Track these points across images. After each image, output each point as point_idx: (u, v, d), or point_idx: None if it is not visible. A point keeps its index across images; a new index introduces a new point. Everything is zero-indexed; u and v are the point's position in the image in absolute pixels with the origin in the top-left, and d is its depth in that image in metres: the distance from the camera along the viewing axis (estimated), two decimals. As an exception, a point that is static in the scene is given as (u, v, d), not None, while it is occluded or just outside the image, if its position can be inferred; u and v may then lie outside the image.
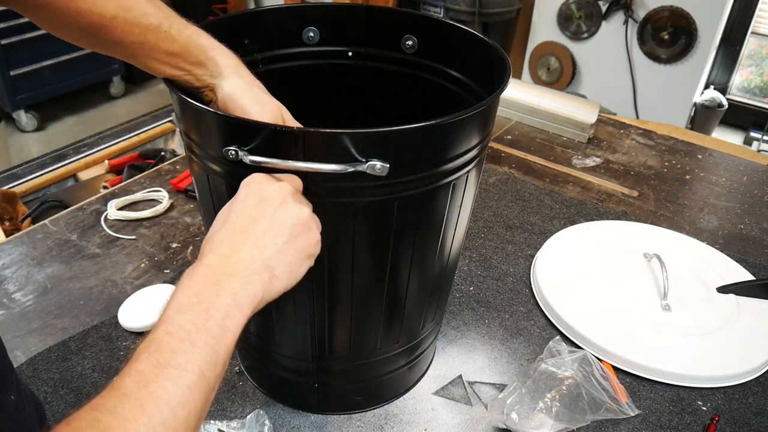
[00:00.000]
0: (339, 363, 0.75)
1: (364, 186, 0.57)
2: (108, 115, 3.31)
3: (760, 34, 3.14)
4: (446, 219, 0.66)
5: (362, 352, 0.74)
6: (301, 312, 0.68)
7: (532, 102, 1.58)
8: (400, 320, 0.73)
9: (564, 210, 1.23)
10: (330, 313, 0.68)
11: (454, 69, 0.78)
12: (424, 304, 0.74)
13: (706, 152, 1.51)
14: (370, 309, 0.70)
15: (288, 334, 0.73)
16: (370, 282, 0.67)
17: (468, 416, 0.80)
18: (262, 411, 0.75)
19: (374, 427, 0.78)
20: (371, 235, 0.62)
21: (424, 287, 0.72)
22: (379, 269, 0.66)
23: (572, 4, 3.13)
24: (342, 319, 0.70)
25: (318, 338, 0.71)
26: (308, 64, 0.82)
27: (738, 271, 1.06)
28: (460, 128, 0.59)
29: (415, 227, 0.63)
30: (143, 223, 1.12)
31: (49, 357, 0.83)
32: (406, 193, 0.59)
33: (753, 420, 0.82)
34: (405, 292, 0.70)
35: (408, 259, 0.66)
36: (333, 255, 0.62)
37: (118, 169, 2.01)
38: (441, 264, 0.72)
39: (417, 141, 0.57)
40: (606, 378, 0.83)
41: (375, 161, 0.54)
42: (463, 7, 3.21)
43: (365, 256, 0.64)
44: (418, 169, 0.59)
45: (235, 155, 0.55)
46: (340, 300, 0.67)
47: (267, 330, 0.73)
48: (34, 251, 1.04)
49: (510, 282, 1.03)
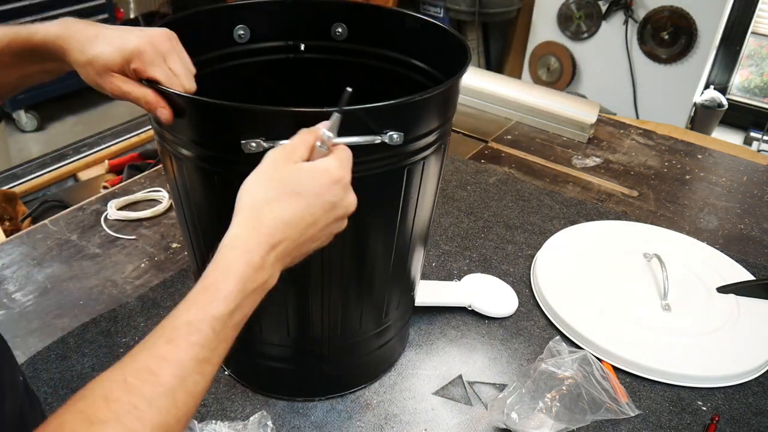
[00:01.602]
0: (321, 345, 0.76)
1: (379, 157, 0.60)
2: (108, 115, 3.31)
3: (760, 34, 3.14)
4: (410, 197, 0.68)
5: (345, 332, 0.76)
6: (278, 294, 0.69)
7: (532, 102, 1.58)
8: (380, 298, 0.75)
9: (564, 210, 1.23)
10: (306, 291, 0.69)
11: (393, 51, 0.80)
12: (394, 282, 0.76)
13: (706, 152, 1.51)
14: (353, 288, 0.72)
15: (266, 318, 0.73)
16: (356, 261, 0.69)
17: (468, 416, 0.80)
18: (265, 413, 0.75)
19: (374, 427, 0.78)
20: (372, 204, 0.63)
21: (394, 266, 0.74)
22: (362, 248, 0.68)
23: (572, 4, 3.13)
24: (315, 299, 0.71)
25: (295, 320, 0.72)
26: (243, 63, 0.82)
27: (738, 271, 1.06)
28: (434, 100, 0.62)
29: (382, 205, 0.66)
30: (143, 223, 1.12)
31: (49, 356, 0.83)
32: (386, 168, 0.62)
33: (753, 420, 0.82)
34: (389, 268, 0.72)
35: (378, 235, 0.68)
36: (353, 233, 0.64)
37: (118, 169, 2.01)
38: (416, 240, 0.74)
39: (423, 110, 0.61)
40: (606, 378, 0.83)
41: (392, 132, 0.57)
42: (463, 7, 3.21)
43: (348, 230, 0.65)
44: (419, 138, 0.63)
45: (257, 146, 0.55)
46: (312, 278, 0.69)
47: (252, 319, 0.75)
48: (34, 251, 1.04)
49: (510, 282, 1.03)
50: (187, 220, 0.71)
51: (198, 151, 0.62)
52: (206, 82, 0.72)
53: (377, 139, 0.57)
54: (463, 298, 0.95)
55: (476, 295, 0.96)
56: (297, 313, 0.72)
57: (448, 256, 1.08)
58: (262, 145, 0.55)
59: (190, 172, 0.64)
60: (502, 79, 1.72)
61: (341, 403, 0.80)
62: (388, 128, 0.58)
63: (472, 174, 1.34)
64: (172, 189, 0.70)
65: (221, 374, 0.83)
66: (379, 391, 0.83)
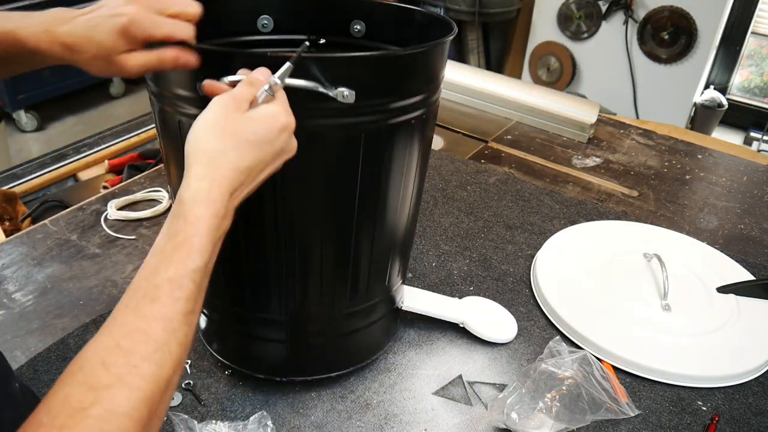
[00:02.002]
0: (312, 315, 0.77)
1: (332, 112, 0.61)
2: (108, 115, 3.31)
3: (760, 34, 3.14)
4: (395, 166, 0.69)
5: (333, 304, 0.76)
6: (275, 262, 0.71)
7: (532, 102, 1.58)
8: (367, 266, 0.76)
9: (564, 210, 1.23)
10: (302, 259, 0.71)
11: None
12: (391, 251, 0.78)
13: (706, 152, 1.51)
14: (339, 253, 0.72)
15: (259, 288, 0.74)
16: (337, 224, 0.70)
17: (468, 416, 0.80)
18: (265, 413, 0.75)
19: (374, 427, 0.78)
20: (338, 168, 0.66)
21: (388, 232, 0.75)
22: (346, 209, 0.69)
23: (572, 4, 3.13)
24: (314, 267, 0.72)
25: (290, 289, 0.73)
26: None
27: (738, 271, 1.06)
28: (411, 64, 0.65)
29: (373, 164, 0.67)
30: (143, 223, 1.12)
31: (49, 357, 0.83)
32: (369, 125, 0.64)
33: (753, 420, 0.82)
34: (372, 236, 0.73)
35: (372, 199, 0.70)
36: (304, 193, 0.66)
37: (118, 169, 2.01)
38: (399, 212, 0.76)
39: (378, 70, 0.63)
40: (606, 378, 0.83)
41: (343, 88, 0.59)
42: (463, 7, 3.21)
43: (333, 192, 0.68)
44: (378, 101, 0.63)
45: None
46: (311, 244, 0.70)
47: (238, 289, 0.75)
48: (34, 251, 1.04)
49: (510, 282, 1.03)
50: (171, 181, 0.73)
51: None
52: None
53: (328, 92, 0.59)
54: (458, 315, 0.92)
55: (472, 316, 0.92)
56: (258, 275, 0.73)
57: (448, 256, 1.08)
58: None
59: (172, 123, 0.66)
60: (502, 79, 1.72)
61: (341, 403, 0.80)
62: (340, 84, 0.59)
63: (472, 174, 1.34)
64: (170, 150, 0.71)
65: (222, 374, 0.83)
66: (379, 391, 0.83)
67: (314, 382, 0.83)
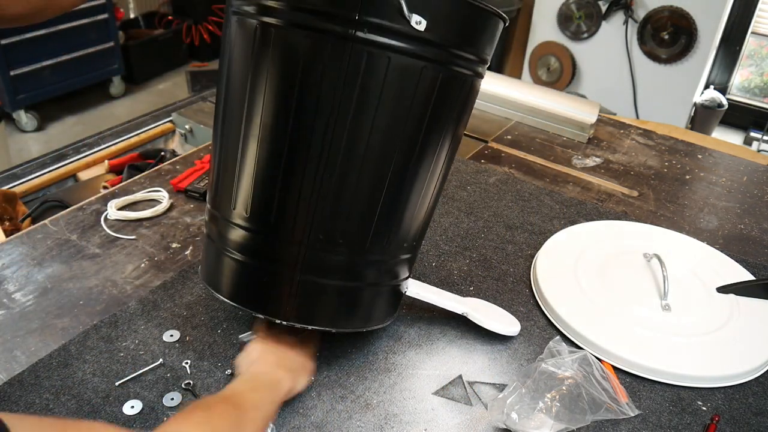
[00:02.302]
0: (329, 251, 0.74)
1: (402, 36, 0.66)
2: (108, 115, 3.31)
3: (760, 34, 3.14)
4: (443, 116, 0.74)
5: (353, 244, 0.75)
6: (312, 178, 0.70)
7: (532, 102, 1.58)
8: (394, 215, 0.76)
9: (564, 210, 1.23)
10: (338, 182, 0.71)
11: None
12: (416, 209, 0.79)
13: (706, 152, 1.51)
14: (372, 187, 0.73)
15: (289, 207, 0.72)
16: (379, 155, 0.72)
17: (468, 416, 0.80)
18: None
19: (374, 427, 0.78)
20: (395, 98, 0.69)
21: (418, 186, 0.76)
22: (390, 144, 0.71)
23: (572, 4, 3.13)
24: (346, 193, 0.72)
25: (318, 212, 0.72)
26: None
27: (738, 271, 1.06)
28: (480, 20, 0.72)
29: (423, 102, 0.71)
30: (143, 223, 1.12)
31: (51, 363, 0.83)
32: (430, 62, 0.69)
33: (753, 420, 0.82)
34: (406, 184, 0.75)
35: (414, 142, 0.72)
36: (359, 112, 0.68)
37: (118, 169, 2.00)
38: (436, 171, 0.78)
39: (451, 11, 0.69)
40: (606, 378, 0.83)
41: (419, 16, 0.65)
42: (463, 7, 3.20)
43: (384, 121, 0.70)
44: (444, 42, 0.69)
45: None
46: (351, 168, 0.71)
47: (263, 205, 0.74)
48: (34, 251, 1.05)
49: (510, 282, 1.03)
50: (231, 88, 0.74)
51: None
52: None
53: (405, 12, 0.64)
54: (461, 306, 0.92)
55: (475, 309, 0.93)
56: (301, 196, 0.72)
57: (448, 256, 1.08)
58: None
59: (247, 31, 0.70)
60: (502, 79, 1.72)
61: (341, 403, 0.81)
62: (417, 10, 0.65)
63: (472, 174, 1.34)
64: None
65: (222, 374, 0.83)
66: (379, 391, 0.83)
67: (315, 382, 0.83)
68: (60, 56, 3.14)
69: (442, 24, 0.68)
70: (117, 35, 3.40)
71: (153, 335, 0.88)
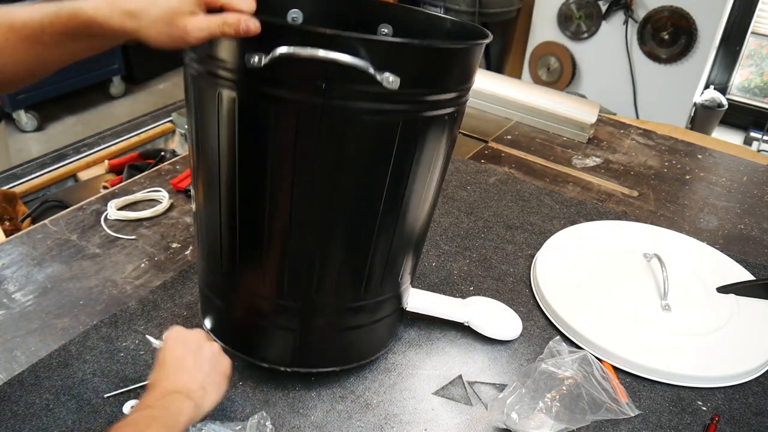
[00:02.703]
0: (324, 304, 0.76)
1: (375, 96, 0.62)
2: (108, 115, 3.31)
3: (760, 34, 3.14)
4: (401, 158, 0.69)
5: (347, 293, 0.76)
6: (300, 242, 0.71)
7: (532, 102, 1.58)
8: (384, 260, 0.76)
9: (564, 210, 1.23)
10: (327, 240, 0.71)
11: None
12: (407, 248, 0.78)
13: (706, 152, 1.51)
14: (362, 239, 0.73)
15: (281, 268, 0.74)
16: (365, 209, 0.71)
17: (468, 416, 0.80)
18: (265, 413, 0.75)
19: (374, 427, 0.78)
20: (374, 154, 0.67)
21: (407, 226, 0.75)
22: (375, 196, 0.70)
23: (572, 4, 3.13)
24: (336, 249, 0.72)
25: (309, 271, 0.73)
26: None
27: (738, 271, 1.06)
28: (453, 60, 0.66)
29: (408, 155, 0.68)
30: (143, 223, 1.12)
31: (51, 363, 0.83)
32: (407, 114, 0.65)
33: (753, 420, 0.82)
34: (393, 228, 0.73)
35: (400, 189, 0.70)
36: (339, 174, 0.66)
37: (118, 169, 2.01)
38: (422, 207, 0.76)
39: (423, 60, 0.64)
40: (606, 378, 0.83)
41: (389, 73, 0.59)
42: (463, 7, 3.21)
43: (365, 176, 0.68)
44: (419, 91, 0.65)
45: (259, 60, 0.58)
46: (340, 225, 0.71)
47: (255, 272, 0.75)
48: (34, 251, 1.04)
49: (510, 282, 1.03)
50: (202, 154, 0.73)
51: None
52: None
53: (375, 75, 0.59)
54: (462, 315, 0.91)
55: (477, 315, 0.92)
56: (278, 260, 0.73)
57: (448, 256, 1.08)
58: (262, 59, 0.58)
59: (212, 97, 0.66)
60: (502, 79, 1.72)
61: (341, 403, 0.80)
62: (386, 68, 0.59)
63: (472, 174, 1.34)
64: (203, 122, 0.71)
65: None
66: (379, 391, 0.83)
67: (315, 382, 0.83)
68: (60, 56, 3.13)
69: (416, 75, 0.64)
70: (117, 35, 3.39)
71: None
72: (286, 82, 0.62)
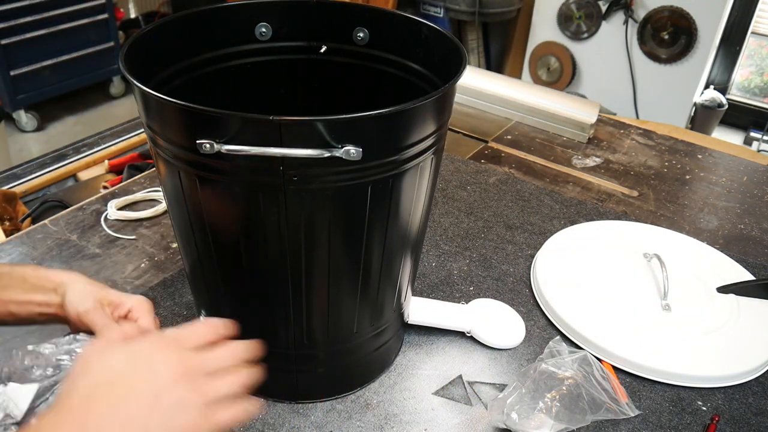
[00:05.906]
0: (318, 349, 0.76)
1: (338, 171, 0.59)
2: (108, 115, 3.31)
3: (760, 34, 3.14)
4: (404, 203, 0.68)
5: (340, 335, 0.76)
6: (282, 301, 0.70)
7: (532, 102, 1.58)
8: (373, 300, 0.75)
9: (564, 210, 1.23)
10: (308, 298, 0.70)
11: (409, 60, 0.79)
12: (396, 283, 0.77)
13: (706, 152, 1.51)
14: (346, 291, 0.72)
15: (267, 325, 0.74)
16: (345, 264, 0.69)
17: (468, 416, 0.80)
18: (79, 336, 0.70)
19: (374, 427, 0.78)
20: (345, 218, 0.65)
21: (394, 267, 0.74)
22: (354, 252, 0.68)
23: (572, 4, 3.13)
24: (320, 304, 0.72)
25: (297, 325, 0.72)
26: (262, 61, 0.82)
27: (738, 271, 1.06)
28: (421, 113, 0.62)
29: (383, 209, 0.66)
30: (143, 223, 1.12)
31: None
32: (376, 177, 0.62)
33: (753, 420, 0.82)
34: (379, 273, 0.72)
35: (380, 240, 0.69)
36: (310, 241, 0.64)
37: (118, 169, 2.01)
38: (407, 244, 0.74)
39: (385, 125, 0.60)
40: (606, 378, 0.83)
41: (349, 146, 0.56)
42: (462, 7, 3.21)
43: (340, 239, 0.66)
44: (386, 154, 0.61)
45: (210, 147, 0.55)
46: (318, 284, 0.69)
47: (247, 326, 0.75)
48: (34, 251, 1.04)
49: (510, 282, 1.03)
50: (176, 222, 0.74)
51: (177, 153, 0.63)
52: (225, 76, 0.72)
53: (332, 152, 0.56)
54: (464, 324, 0.91)
55: (479, 323, 0.92)
56: (263, 315, 0.73)
57: (448, 256, 1.08)
58: (213, 146, 0.55)
59: (173, 174, 0.65)
60: (502, 79, 1.72)
61: (341, 403, 0.80)
62: (345, 143, 0.56)
63: (472, 174, 1.34)
64: (164, 191, 0.72)
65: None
66: (379, 391, 0.83)
67: (314, 382, 0.83)
68: (60, 56, 3.13)
69: (382, 140, 0.60)
70: (117, 35, 3.40)
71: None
72: (244, 166, 0.59)
